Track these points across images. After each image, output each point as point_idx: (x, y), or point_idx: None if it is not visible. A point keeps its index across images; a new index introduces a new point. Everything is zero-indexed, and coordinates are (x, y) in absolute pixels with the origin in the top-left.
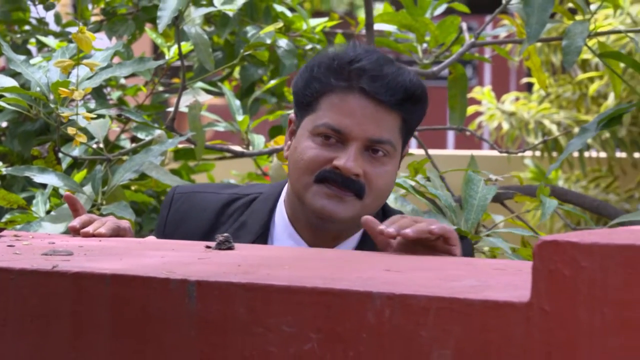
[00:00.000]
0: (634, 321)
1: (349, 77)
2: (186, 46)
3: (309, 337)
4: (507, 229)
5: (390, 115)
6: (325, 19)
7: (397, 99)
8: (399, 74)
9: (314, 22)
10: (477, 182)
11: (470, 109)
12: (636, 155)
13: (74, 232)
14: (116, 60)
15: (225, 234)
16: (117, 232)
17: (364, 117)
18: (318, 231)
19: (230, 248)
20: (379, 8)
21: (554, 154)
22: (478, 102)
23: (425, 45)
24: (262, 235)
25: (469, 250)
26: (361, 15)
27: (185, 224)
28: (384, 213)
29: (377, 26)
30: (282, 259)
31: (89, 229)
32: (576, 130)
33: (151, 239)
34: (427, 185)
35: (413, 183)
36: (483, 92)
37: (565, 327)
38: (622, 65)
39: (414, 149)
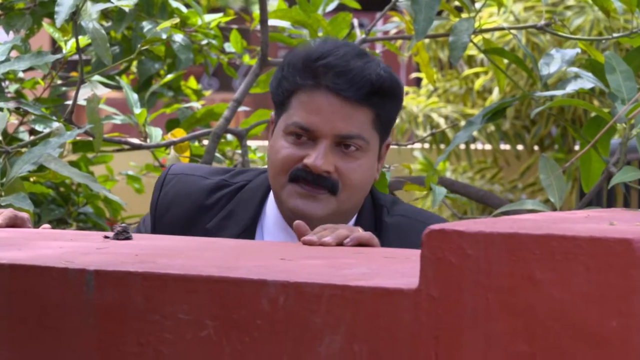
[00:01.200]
0: (515, 306)
1: (316, 75)
2: (83, 40)
3: (205, 324)
4: None
5: (358, 110)
6: (220, 14)
7: (363, 94)
8: (365, 68)
9: (209, 17)
10: None
11: None
12: (519, 147)
13: None
14: (14, 54)
15: (123, 224)
16: (14, 222)
17: (331, 114)
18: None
19: (128, 238)
20: (273, 4)
21: (442, 146)
22: None
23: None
24: (251, 227)
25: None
26: (256, 11)
27: (173, 207)
28: (374, 203)
29: (272, 22)
30: (179, 248)
31: None
32: (462, 123)
33: (47, 227)
34: None
35: None
36: None
37: (451, 312)
38: (505, 61)
39: None
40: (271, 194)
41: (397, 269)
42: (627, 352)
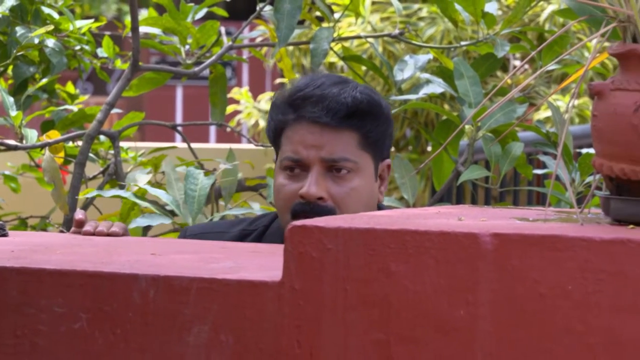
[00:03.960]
0: (371, 297)
1: (296, 108)
2: None
3: (79, 316)
4: (262, 212)
5: (340, 134)
6: (91, 20)
7: (340, 117)
8: (340, 93)
9: (80, 23)
10: (196, 175)
11: (230, 108)
12: None
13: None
14: None
15: (0, 222)
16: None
17: (314, 141)
18: None
19: (4, 235)
20: (144, 14)
21: None
22: (237, 102)
23: (187, 47)
24: None
25: None
26: (128, 19)
27: None
28: None
29: (143, 29)
30: (54, 245)
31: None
32: None
33: None
34: (161, 182)
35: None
36: (241, 93)
37: (312, 303)
38: (363, 67)
39: (177, 143)
40: None
41: (263, 263)
42: (473, 338)
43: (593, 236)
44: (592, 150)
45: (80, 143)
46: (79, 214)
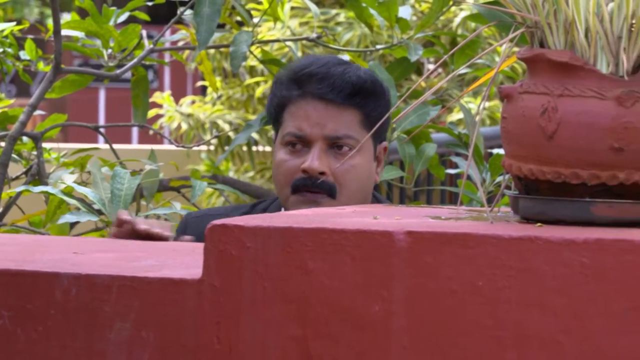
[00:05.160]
0: (289, 294)
1: (300, 84)
2: None
3: (1, 314)
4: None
5: (344, 112)
6: (13, 23)
7: (345, 95)
8: (346, 72)
9: (2, 26)
10: (123, 175)
11: (153, 112)
12: None
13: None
14: None
15: None
16: None
17: (318, 118)
18: None
19: None
20: (67, 18)
21: (227, 148)
22: (160, 106)
23: (110, 50)
24: None
25: None
26: (51, 23)
27: None
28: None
29: (66, 32)
30: None
31: None
32: None
33: None
34: (87, 182)
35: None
36: (163, 97)
37: (231, 300)
38: None
39: (100, 144)
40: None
41: (184, 261)
42: (388, 334)
43: (502, 234)
44: (502, 151)
45: (3, 144)
46: (123, 214)
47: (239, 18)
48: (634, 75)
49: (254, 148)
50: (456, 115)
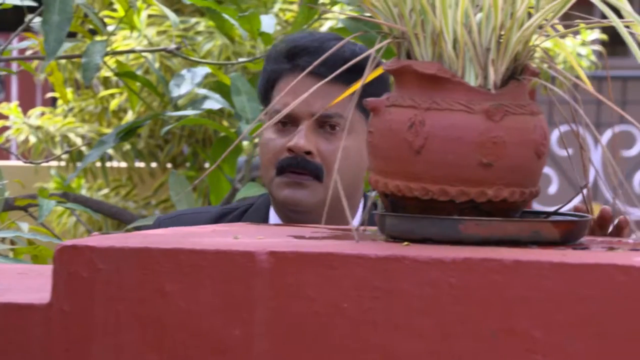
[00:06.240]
0: (145, 317)
1: (291, 58)
2: None
3: None
4: (32, 235)
5: (336, 89)
6: None
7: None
8: (340, 48)
9: None
10: None
11: None
12: (153, 164)
13: None
14: None
15: None
16: None
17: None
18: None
19: None
20: None
21: (79, 164)
22: (6, 118)
23: None
24: None
25: None
26: None
27: None
28: (365, 198)
29: None
30: None
31: None
32: None
33: None
34: None
35: None
36: (10, 108)
37: (82, 325)
38: (138, 83)
39: None
40: (271, 209)
41: (30, 284)
42: (249, 357)
43: (368, 253)
44: None
45: None
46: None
47: (92, 26)
48: (502, 88)
49: (107, 164)
50: None
